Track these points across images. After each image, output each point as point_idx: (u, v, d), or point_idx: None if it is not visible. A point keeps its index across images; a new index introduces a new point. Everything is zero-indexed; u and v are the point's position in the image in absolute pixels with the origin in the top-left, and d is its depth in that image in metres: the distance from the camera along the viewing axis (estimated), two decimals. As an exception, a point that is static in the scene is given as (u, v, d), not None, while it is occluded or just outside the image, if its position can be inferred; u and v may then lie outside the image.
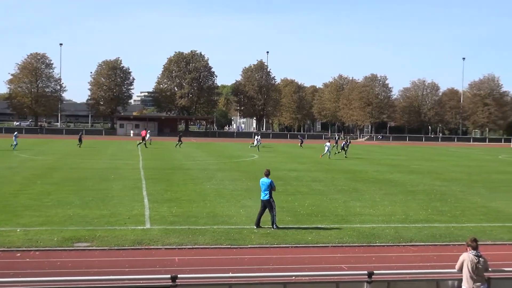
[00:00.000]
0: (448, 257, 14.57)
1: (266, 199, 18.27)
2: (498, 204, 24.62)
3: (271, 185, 18.32)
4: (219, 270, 12.86)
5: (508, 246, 16.85)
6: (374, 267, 12.25)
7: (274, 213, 18.22)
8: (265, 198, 18.28)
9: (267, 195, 18.25)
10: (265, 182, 18.34)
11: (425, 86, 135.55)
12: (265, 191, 18.28)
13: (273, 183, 18.44)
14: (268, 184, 18.27)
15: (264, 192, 18.29)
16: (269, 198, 18.25)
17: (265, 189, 18.29)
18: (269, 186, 18.28)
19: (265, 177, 18.48)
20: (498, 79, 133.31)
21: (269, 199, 18.25)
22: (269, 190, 18.28)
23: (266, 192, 18.26)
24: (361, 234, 17.69)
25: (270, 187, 18.29)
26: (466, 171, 41.36)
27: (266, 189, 18.27)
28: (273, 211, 18.20)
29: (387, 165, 45.83)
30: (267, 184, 18.30)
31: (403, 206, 23.53)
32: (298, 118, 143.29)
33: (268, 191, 18.26)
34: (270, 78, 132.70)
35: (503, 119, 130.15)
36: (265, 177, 18.49)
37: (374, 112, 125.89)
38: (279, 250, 15.64)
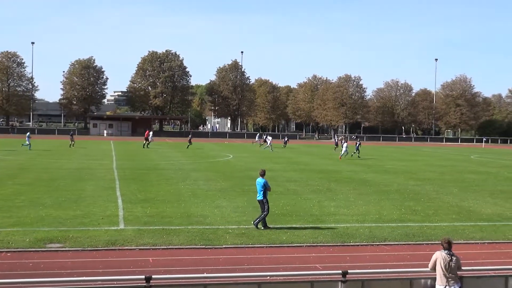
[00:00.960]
0: (422, 256, 14.70)
1: (260, 199, 18.37)
2: (470, 204, 24.92)
3: (266, 185, 18.38)
4: (194, 271, 12.81)
5: (480, 245, 17.05)
6: (348, 267, 12.30)
7: (264, 214, 18.26)
8: (259, 198, 18.39)
9: (261, 195, 18.34)
10: (260, 182, 18.42)
11: (398, 86, 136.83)
12: (260, 191, 18.35)
13: (267, 183, 18.49)
14: (263, 184, 18.33)
15: (259, 192, 18.36)
16: (262, 198, 18.32)
17: (260, 189, 18.36)
18: (264, 186, 18.33)
19: (260, 177, 18.55)
20: (470, 80, 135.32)
21: (262, 199, 18.31)
22: (263, 190, 18.32)
23: (261, 192, 18.32)
24: (336, 234, 17.75)
25: (264, 187, 18.34)
26: (439, 171, 41.80)
27: (261, 189, 18.34)
28: (264, 211, 18.26)
29: (361, 165, 46.11)
30: (261, 184, 18.37)
31: (377, 205, 23.69)
32: (273, 118, 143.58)
33: (262, 191, 18.32)
34: (245, 78, 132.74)
35: (474, 119, 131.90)
36: (260, 177, 18.56)
37: (348, 113, 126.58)
38: (254, 250, 15.63)
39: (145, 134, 68.57)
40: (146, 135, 67.50)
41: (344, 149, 54.33)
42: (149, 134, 68.41)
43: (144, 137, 67.93)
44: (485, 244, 17.22)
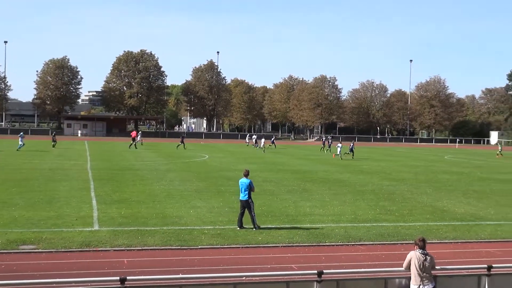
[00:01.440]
0: (396, 256, 14.80)
1: (245, 199, 18.31)
2: (444, 203, 25.17)
3: (250, 185, 18.39)
4: (169, 272, 12.74)
5: (454, 245, 17.23)
6: (323, 267, 12.33)
7: (253, 214, 18.30)
8: (244, 199, 18.33)
9: (246, 196, 18.30)
10: (245, 183, 18.39)
11: (373, 87, 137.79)
12: (244, 192, 18.32)
13: (252, 184, 18.51)
14: (248, 185, 18.33)
15: (244, 192, 18.33)
16: (247, 198, 18.30)
17: (244, 190, 18.33)
18: (249, 187, 18.33)
19: (244, 178, 18.53)
20: (444, 81, 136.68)
21: (247, 199, 18.29)
22: (248, 190, 18.31)
23: (246, 193, 18.30)
24: (311, 234, 17.80)
25: (249, 188, 18.33)
26: (413, 171, 42.17)
27: (245, 189, 18.32)
28: (252, 212, 18.28)
29: (337, 165, 46.32)
30: (246, 184, 18.35)
31: (352, 205, 23.81)
32: (249, 118, 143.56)
33: (247, 192, 18.30)
34: (221, 78, 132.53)
35: (448, 120, 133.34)
36: (244, 178, 18.55)
37: (323, 113, 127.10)
38: (230, 251, 15.60)
39: (132, 134, 68.65)
40: (134, 136, 67.47)
41: (339, 149, 55.86)
42: (137, 134, 68.63)
43: (132, 137, 67.72)
44: (459, 243, 17.41)
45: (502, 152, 68.79)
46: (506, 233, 18.95)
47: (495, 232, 19.06)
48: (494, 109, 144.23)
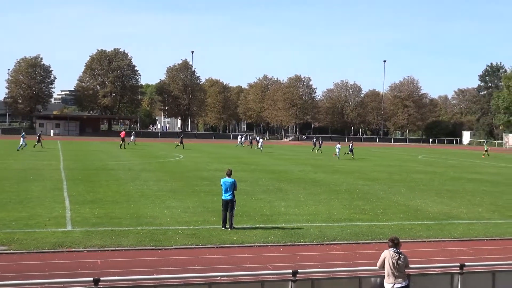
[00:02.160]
0: (370, 255, 14.89)
1: (229, 198, 18.31)
2: (418, 203, 25.40)
3: (234, 184, 18.44)
4: (143, 272, 12.66)
5: (427, 243, 17.39)
6: (298, 266, 12.37)
7: (233, 214, 18.33)
8: (228, 198, 18.32)
9: (231, 195, 18.33)
10: (228, 182, 18.42)
11: (347, 87, 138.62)
12: (229, 191, 18.34)
13: (236, 183, 18.58)
14: (231, 184, 18.37)
15: (228, 192, 18.34)
16: (232, 198, 18.32)
17: (228, 189, 18.36)
18: (232, 186, 18.37)
19: (227, 177, 18.56)
20: (417, 81, 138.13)
21: (232, 198, 18.31)
22: (232, 190, 18.35)
23: (230, 192, 18.33)
24: (286, 234, 17.83)
25: (233, 187, 18.38)
26: (387, 171, 42.50)
27: (229, 188, 18.35)
28: (233, 212, 18.31)
29: (311, 165, 46.48)
30: (230, 183, 18.38)
31: (327, 205, 23.91)
32: (223, 118, 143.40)
33: (231, 191, 18.34)
34: (195, 77, 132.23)
35: (422, 120, 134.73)
36: (227, 177, 18.57)
37: (298, 113, 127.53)
38: (204, 251, 15.55)
39: (122, 134, 68.98)
40: (123, 136, 67.79)
41: (337, 150, 56.77)
42: (130, 135, 69.98)
43: (121, 137, 67.87)
44: (432, 242, 17.58)
45: (488, 152, 69.64)
46: (478, 232, 19.19)
47: (467, 231, 19.28)
48: (466, 110, 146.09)
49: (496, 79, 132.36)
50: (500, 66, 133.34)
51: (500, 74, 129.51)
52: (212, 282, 9.94)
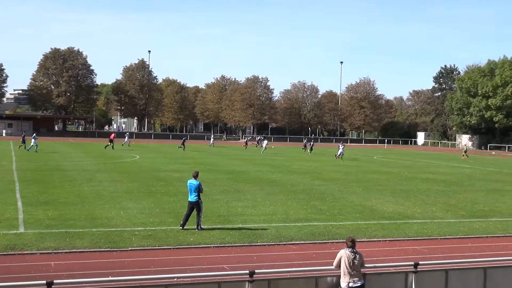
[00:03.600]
0: (327, 255, 15.00)
1: (195, 200, 18.32)
2: (373, 203, 25.71)
3: (199, 187, 18.46)
4: (98, 274, 12.48)
5: (382, 243, 17.61)
6: (255, 267, 12.36)
7: (200, 215, 18.30)
8: (194, 200, 18.33)
9: (196, 197, 18.33)
10: (194, 184, 18.43)
11: (305, 88, 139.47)
12: (194, 193, 18.35)
13: (201, 185, 18.59)
14: (197, 186, 18.39)
15: (193, 193, 18.35)
16: (197, 199, 18.31)
17: (194, 191, 18.36)
18: (198, 188, 18.39)
19: (193, 179, 18.57)
20: (373, 82, 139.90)
21: (197, 200, 18.31)
22: (197, 191, 18.37)
23: (195, 194, 18.33)
24: (243, 234, 17.82)
25: (198, 189, 18.39)
26: (343, 171, 42.89)
27: (195, 190, 18.36)
28: (200, 213, 18.28)
29: (269, 165, 46.60)
30: (195, 185, 18.39)
31: (284, 205, 23.98)
32: (181, 118, 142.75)
33: (197, 193, 18.35)
34: (152, 77, 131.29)
35: (377, 121, 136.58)
36: (193, 179, 18.59)
37: (256, 113, 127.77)
38: (161, 252, 15.41)
39: (111, 136, 69.58)
40: (112, 137, 68.27)
41: (341, 150, 58.92)
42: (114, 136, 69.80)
43: (109, 139, 68.30)
44: (387, 241, 17.80)
45: (467, 153, 71.28)
46: (432, 231, 19.52)
47: (421, 230, 19.60)
48: (421, 111, 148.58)
49: (450, 81, 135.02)
50: (454, 68, 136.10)
51: (454, 76, 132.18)
52: (169, 284, 9.85)
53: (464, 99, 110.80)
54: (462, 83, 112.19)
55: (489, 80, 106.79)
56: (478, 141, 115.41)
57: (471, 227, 20.54)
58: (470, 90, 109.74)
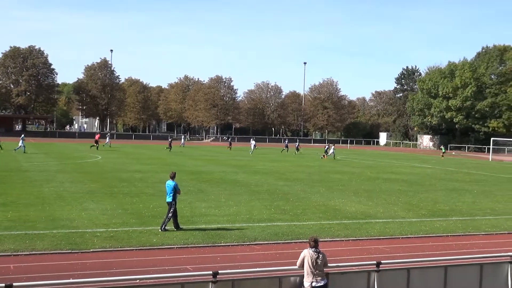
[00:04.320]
0: (290, 255, 15.03)
1: (169, 201, 18.42)
2: (336, 203, 25.88)
3: (176, 188, 18.52)
4: (59, 276, 12.26)
5: (345, 242, 17.73)
6: (219, 267, 12.32)
7: (169, 216, 18.29)
8: (168, 200, 18.46)
9: (171, 198, 18.42)
10: (170, 185, 18.54)
11: (268, 88, 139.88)
12: (170, 194, 18.43)
13: (177, 186, 18.67)
14: (173, 187, 18.45)
15: (169, 194, 18.44)
16: (171, 200, 18.38)
17: (170, 192, 18.45)
18: (174, 189, 18.43)
19: (170, 180, 18.67)
20: (336, 83, 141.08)
21: (171, 201, 18.36)
22: (173, 192, 18.41)
23: (171, 195, 18.40)
24: (207, 235, 17.75)
25: (174, 190, 18.44)
26: (307, 171, 43.11)
27: (171, 191, 18.44)
28: (168, 213, 18.31)
29: (233, 165, 46.56)
30: (171, 186, 18.48)
31: (248, 206, 23.98)
32: (143, 118, 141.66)
33: (172, 193, 18.40)
34: (114, 77, 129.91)
35: (340, 121, 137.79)
36: (170, 180, 18.68)
37: (219, 114, 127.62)
38: (123, 253, 15.24)
39: (96, 137, 69.89)
40: (97, 138, 68.79)
41: (332, 151, 63.11)
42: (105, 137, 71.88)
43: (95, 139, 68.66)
44: (350, 241, 17.93)
45: (444, 154, 73.45)
46: (394, 230, 19.75)
47: (383, 230, 19.81)
48: (383, 111, 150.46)
49: (412, 82, 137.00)
50: (415, 70, 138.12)
51: (415, 77, 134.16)
52: (131, 285, 9.75)
53: (425, 100, 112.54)
54: (423, 84, 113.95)
55: (449, 81, 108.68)
56: (439, 142, 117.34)
57: (432, 226, 20.84)
58: (431, 91, 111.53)
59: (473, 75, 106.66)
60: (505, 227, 21.30)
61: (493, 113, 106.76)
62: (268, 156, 63.73)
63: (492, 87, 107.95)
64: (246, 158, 58.08)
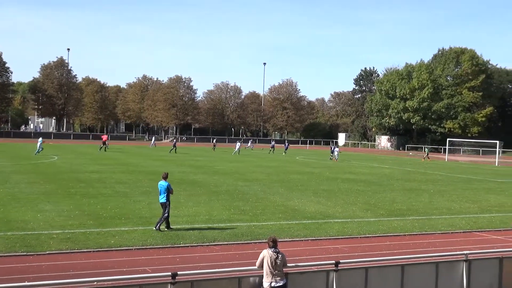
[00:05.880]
0: (250, 255, 15.02)
1: (163, 201, 18.57)
2: (295, 203, 25.99)
3: (169, 188, 18.69)
4: (14, 279, 12.01)
5: (304, 242, 17.81)
6: (178, 268, 12.24)
7: (163, 217, 18.44)
8: (162, 201, 18.62)
9: (164, 198, 18.55)
10: (163, 185, 18.72)
11: (228, 89, 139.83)
12: (163, 194, 18.60)
13: (170, 186, 18.85)
14: (166, 187, 18.61)
15: (162, 195, 18.61)
16: (166, 201, 18.50)
17: (163, 192, 18.61)
18: (167, 189, 18.58)
19: (163, 180, 18.85)
20: (296, 84, 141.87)
21: (165, 202, 18.49)
22: (166, 192, 18.57)
23: (164, 195, 18.56)
24: (166, 236, 17.61)
25: (167, 190, 18.59)
26: (266, 172, 43.20)
27: (164, 191, 18.60)
28: (164, 214, 18.45)
29: (192, 166, 46.36)
30: (164, 187, 18.64)
31: (207, 206, 23.90)
32: (101, 118, 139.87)
33: (165, 194, 18.55)
34: (71, 76, 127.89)
35: (300, 122, 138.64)
36: (162, 180, 18.85)
37: (179, 114, 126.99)
38: (80, 255, 15.00)
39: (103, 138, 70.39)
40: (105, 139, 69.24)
41: (336, 152, 63.75)
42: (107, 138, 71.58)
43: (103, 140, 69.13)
44: (309, 241, 18.02)
45: (428, 156, 74.83)
46: (352, 230, 19.93)
47: (342, 229, 19.97)
48: (342, 112, 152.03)
49: (370, 83, 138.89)
50: (373, 71, 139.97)
51: (373, 78, 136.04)
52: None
53: (383, 101, 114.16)
54: (381, 85, 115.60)
55: (406, 83, 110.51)
56: (396, 142, 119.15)
57: (389, 225, 21.11)
58: (389, 93, 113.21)
59: (430, 77, 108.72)
60: (460, 226, 21.72)
61: (449, 114, 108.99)
62: (227, 157, 63.63)
63: (448, 88, 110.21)
64: (205, 159, 57.89)
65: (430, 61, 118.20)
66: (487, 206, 27.62)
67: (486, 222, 22.94)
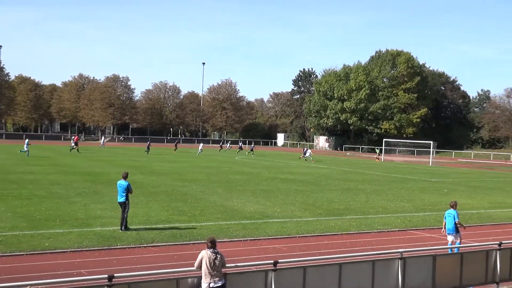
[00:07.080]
0: (188, 256, 14.91)
1: (122, 201, 18.59)
2: (234, 203, 25.98)
3: (128, 187, 18.73)
4: None
5: (243, 242, 17.81)
6: (115, 270, 12.01)
7: (125, 216, 18.45)
8: (121, 200, 18.63)
9: (124, 197, 18.60)
10: (123, 185, 18.82)
11: (166, 88, 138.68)
12: (122, 193, 18.63)
13: (130, 186, 18.88)
14: (125, 187, 18.66)
15: (121, 194, 18.64)
16: (125, 200, 18.56)
17: (122, 191, 18.64)
18: (126, 189, 18.64)
19: (123, 180, 18.85)
20: (235, 84, 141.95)
21: (125, 201, 18.56)
22: (126, 192, 18.62)
23: (123, 194, 18.64)
24: (102, 238, 17.28)
25: (127, 190, 18.64)
26: (205, 172, 43.05)
27: (123, 191, 18.81)
28: (125, 213, 18.44)
29: (129, 166, 45.71)
30: (124, 186, 18.85)
31: (145, 207, 23.60)
32: (35, 118, 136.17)
33: (125, 193, 18.60)
34: (4, 74, 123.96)
35: (239, 122, 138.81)
36: (122, 180, 18.86)
37: (116, 113, 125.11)
38: (13, 259, 14.53)
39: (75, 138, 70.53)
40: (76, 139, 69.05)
41: (308, 154, 67.39)
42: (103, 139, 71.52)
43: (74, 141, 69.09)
44: (248, 241, 18.04)
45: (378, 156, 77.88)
46: (291, 230, 20.07)
47: (281, 229, 20.08)
48: (281, 113, 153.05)
49: (308, 84, 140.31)
50: (311, 72, 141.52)
51: (312, 79, 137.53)
52: (20, 292, 9.27)
53: (321, 102, 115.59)
54: (320, 86, 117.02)
55: (344, 84, 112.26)
56: (334, 142, 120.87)
57: (327, 225, 21.36)
58: (327, 93, 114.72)
59: (367, 78, 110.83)
60: (396, 224, 22.20)
61: (385, 115, 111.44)
62: (165, 157, 63.10)
63: (385, 90, 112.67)
64: (142, 159, 57.23)
65: (367, 62, 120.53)
66: (422, 205, 28.35)
67: (421, 220, 23.54)
